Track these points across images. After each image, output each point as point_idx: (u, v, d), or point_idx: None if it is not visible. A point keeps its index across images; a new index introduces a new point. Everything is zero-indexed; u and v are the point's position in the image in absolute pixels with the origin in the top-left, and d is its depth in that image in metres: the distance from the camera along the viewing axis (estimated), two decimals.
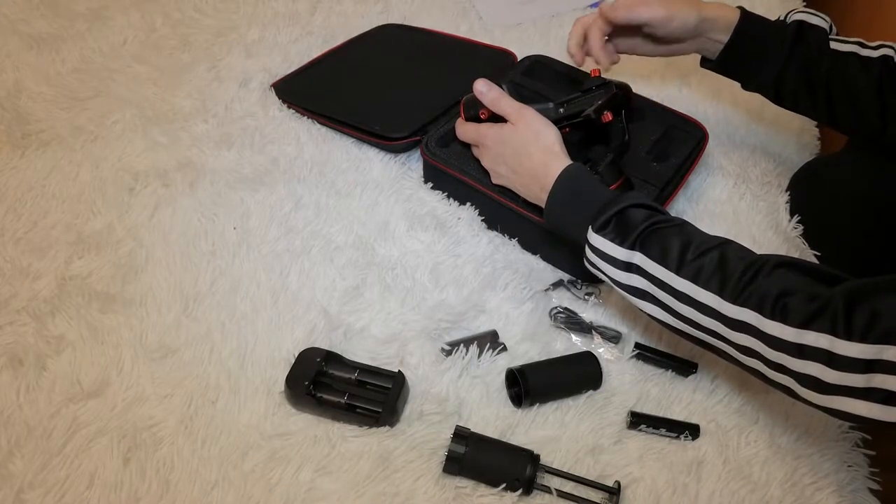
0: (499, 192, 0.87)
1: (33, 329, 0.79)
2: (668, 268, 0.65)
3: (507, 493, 0.68)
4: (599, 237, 0.70)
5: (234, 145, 1.00)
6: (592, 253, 0.71)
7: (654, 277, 0.66)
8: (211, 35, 1.16)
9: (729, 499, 0.70)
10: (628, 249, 0.68)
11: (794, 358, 0.57)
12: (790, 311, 0.57)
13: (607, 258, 0.69)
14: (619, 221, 0.69)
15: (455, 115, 0.95)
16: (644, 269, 0.67)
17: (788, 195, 0.96)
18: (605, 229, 0.69)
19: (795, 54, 0.82)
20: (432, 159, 0.91)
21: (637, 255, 0.67)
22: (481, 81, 0.83)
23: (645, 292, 0.68)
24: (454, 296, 0.84)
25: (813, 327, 0.56)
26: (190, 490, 0.68)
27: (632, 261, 0.68)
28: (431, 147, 0.92)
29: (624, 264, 0.68)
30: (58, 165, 0.96)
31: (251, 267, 0.86)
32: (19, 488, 0.67)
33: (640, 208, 0.70)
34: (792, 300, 0.58)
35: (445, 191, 0.95)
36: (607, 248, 0.69)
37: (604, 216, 0.69)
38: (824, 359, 0.55)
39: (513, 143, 0.80)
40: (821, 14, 0.85)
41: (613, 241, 0.69)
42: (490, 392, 0.76)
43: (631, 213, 0.69)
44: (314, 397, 0.72)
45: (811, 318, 0.56)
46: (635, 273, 0.68)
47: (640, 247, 0.67)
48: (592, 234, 0.70)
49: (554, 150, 0.78)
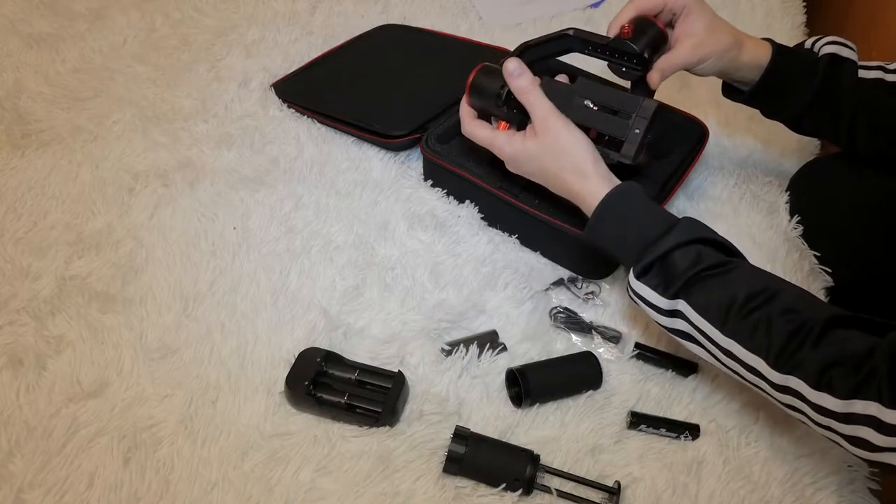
0: (499, 188, 0.87)
1: (33, 329, 0.79)
2: (712, 323, 0.63)
3: (507, 493, 0.68)
4: (641, 283, 0.67)
5: (234, 145, 1.00)
6: (633, 295, 0.69)
7: (698, 328, 0.65)
8: (211, 35, 1.16)
9: (729, 499, 0.70)
10: (671, 299, 0.66)
11: (841, 423, 0.57)
12: (836, 383, 0.57)
13: (649, 304, 0.68)
14: (661, 267, 0.66)
15: (454, 114, 0.95)
16: (688, 317, 0.65)
17: (788, 195, 0.96)
18: (646, 275, 0.67)
19: (826, 90, 0.80)
20: (432, 155, 0.92)
21: (681, 302, 0.65)
22: (514, 61, 0.76)
23: (690, 336, 0.66)
24: (454, 296, 0.84)
25: (859, 397, 0.55)
26: (190, 490, 0.68)
27: (675, 308, 0.66)
28: (431, 144, 0.92)
29: (667, 311, 0.67)
30: (58, 165, 0.96)
31: (251, 267, 0.86)
32: (19, 488, 0.67)
33: (686, 247, 0.65)
34: (838, 371, 0.57)
35: (445, 188, 0.94)
36: (649, 295, 0.67)
37: (646, 260, 0.66)
38: (873, 425, 0.55)
39: (537, 160, 0.75)
40: (849, 43, 0.83)
41: (655, 289, 0.66)
42: (490, 392, 0.76)
43: (676, 258, 0.65)
44: (314, 397, 0.72)
45: (857, 388, 0.56)
46: (679, 318, 0.66)
47: (685, 295, 0.65)
48: (634, 281, 0.68)
49: (587, 173, 0.72)
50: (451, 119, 0.95)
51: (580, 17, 1.25)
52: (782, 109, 0.85)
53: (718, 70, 0.81)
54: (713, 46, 0.78)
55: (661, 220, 0.69)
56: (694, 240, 0.66)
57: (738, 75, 0.82)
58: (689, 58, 0.78)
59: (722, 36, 0.79)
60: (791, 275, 0.88)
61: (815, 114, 0.83)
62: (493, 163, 0.89)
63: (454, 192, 0.94)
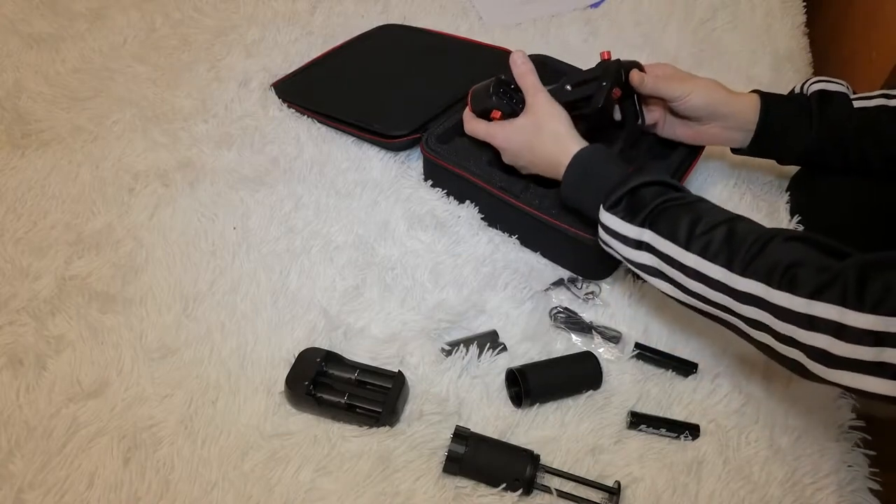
0: (499, 188, 0.87)
1: (33, 329, 0.79)
2: (677, 244, 0.66)
3: (507, 493, 0.68)
4: (610, 215, 0.71)
5: (234, 145, 1.00)
6: (604, 231, 0.72)
7: (664, 254, 0.67)
8: (211, 35, 1.16)
9: (729, 499, 0.70)
10: (638, 227, 0.68)
11: (803, 329, 0.57)
12: (799, 282, 0.57)
13: (618, 236, 0.70)
14: (630, 199, 0.70)
15: (454, 114, 0.96)
16: (654, 246, 0.68)
17: (788, 195, 0.96)
18: (616, 207, 0.70)
19: (824, 125, 0.83)
20: (432, 155, 0.92)
21: (647, 232, 0.68)
22: (519, 53, 0.85)
23: (655, 269, 0.69)
24: (454, 296, 0.84)
25: (823, 298, 0.55)
26: (190, 490, 0.68)
27: (642, 238, 0.68)
28: (431, 144, 0.92)
29: (635, 242, 0.69)
30: (58, 165, 0.96)
31: (251, 267, 0.86)
32: (19, 488, 0.67)
33: (653, 185, 0.70)
34: (801, 270, 0.58)
35: (445, 188, 0.94)
36: (618, 226, 0.70)
37: (615, 194, 0.70)
38: (834, 330, 0.55)
39: (523, 135, 0.81)
40: (837, 80, 0.85)
41: (624, 218, 0.70)
42: (490, 392, 0.76)
43: (643, 191, 0.70)
44: (314, 397, 0.72)
45: (821, 288, 0.56)
46: (645, 251, 0.69)
47: (650, 224, 0.68)
48: (604, 213, 0.71)
49: (561, 135, 0.78)
50: (452, 119, 0.95)
51: (580, 17, 1.25)
52: (789, 151, 0.87)
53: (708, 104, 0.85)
54: (697, 81, 0.85)
55: (626, 168, 0.74)
56: (661, 181, 0.70)
57: (738, 123, 0.85)
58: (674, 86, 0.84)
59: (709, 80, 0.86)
60: None
61: (822, 150, 0.85)
62: (493, 163, 0.89)
63: (454, 193, 0.94)
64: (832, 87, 0.85)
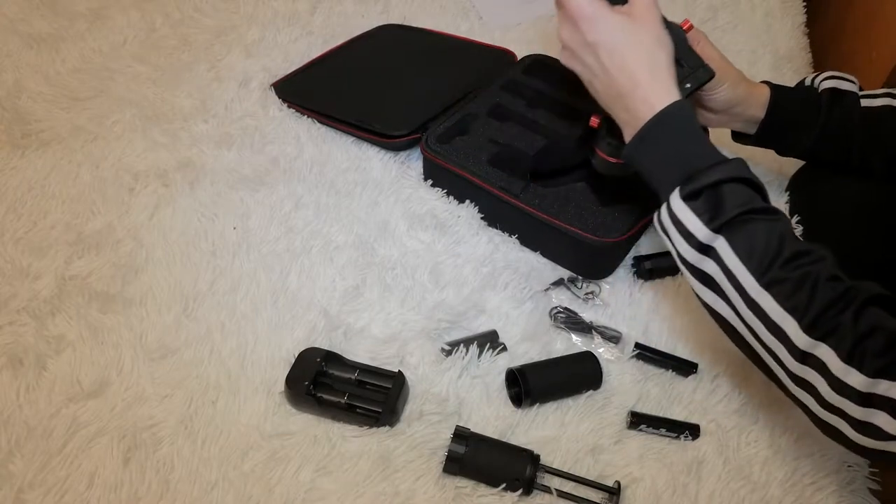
0: (499, 188, 0.87)
1: (33, 329, 0.79)
2: (750, 269, 0.59)
3: (507, 493, 0.68)
4: (684, 205, 0.62)
5: (234, 145, 1.00)
6: (668, 218, 0.64)
7: (731, 273, 0.60)
8: (211, 35, 1.16)
9: (729, 499, 0.70)
10: (712, 231, 0.61)
11: (856, 405, 0.54)
12: (868, 359, 0.54)
13: (684, 231, 0.63)
14: (710, 195, 0.61)
15: (454, 113, 0.96)
16: (723, 259, 0.60)
17: (788, 195, 0.96)
18: (693, 199, 0.62)
19: (831, 123, 0.81)
20: (432, 155, 0.91)
21: (720, 240, 0.60)
22: None
23: (713, 281, 0.62)
24: (454, 295, 0.84)
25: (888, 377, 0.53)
26: (190, 490, 0.68)
27: (712, 244, 0.61)
28: (431, 143, 0.92)
29: (701, 245, 0.62)
30: (58, 165, 0.96)
31: (251, 267, 0.86)
32: (19, 488, 0.67)
33: (739, 184, 0.61)
34: (871, 345, 0.54)
35: (445, 188, 0.94)
36: (689, 221, 0.62)
37: (697, 183, 0.61)
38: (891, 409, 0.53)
39: (616, 35, 0.67)
40: (849, 77, 0.84)
41: (700, 216, 0.61)
42: (490, 392, 0.76)
43: (727, 191, 0.61)
44: (314, 397, 0.72)
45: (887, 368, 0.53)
46: (710, 259, 0.61)
47: (727, 233, 0.60)
48: (677, 199, 0.63)
49: (662, 75, 0.66)
50: (452, 119, 0.95)
51: None
52: (793, 145, 0.86)
53: (730, 100, 0.81)
54: (729, 71, 0.79)
55: (712, 150, 0.65)
56: (746, 179, 0.62)
57: (747, 112, 0.83)
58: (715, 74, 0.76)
59: (732, 67, 0.80)
60: None
61: (825, 147, 0.83)
62: (493, 162, 0.89)
63: (454, 192, 0.94)
64: (844, 86, 0.82)
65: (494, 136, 0.93)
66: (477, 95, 0.99)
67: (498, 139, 0.93)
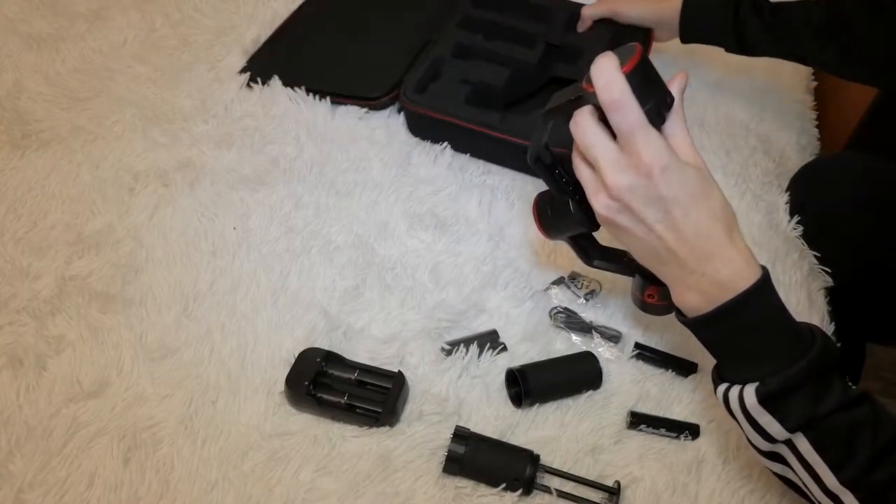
0: (480, 125, 0.94)
1: (33, 329, 0.79)
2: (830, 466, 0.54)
3: (507, 493, 0.68)
4: (763, 410, 0.54)
5: (234, 145, 1.00)
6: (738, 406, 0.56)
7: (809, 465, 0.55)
8: (211, 35, 1.16)
9: (729, 499, 0.70)
10: (791, 432, 0.54)
11: None
12: None
13: (756, 427, 0.56)
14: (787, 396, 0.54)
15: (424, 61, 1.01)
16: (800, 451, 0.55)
17: (788, 195, 0.96)
18: (769, 403, 0.54)
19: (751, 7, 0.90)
20: (414, 107, 0.97)
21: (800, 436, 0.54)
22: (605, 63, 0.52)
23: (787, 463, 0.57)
24: (454, 295, 0.84)
25: None
26: (190, 490, 0.68)
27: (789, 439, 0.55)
28: (410, 96, 0.97)
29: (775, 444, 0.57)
30: (58, 165, 0.96)
31: (251, 267, 0.86)
32: (19, 488, 0.67)
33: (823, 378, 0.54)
34: None
35: (429, 137, 1.00)
36: (765, 421, 0.55)
37: (776, 386, 0.53)
38: None
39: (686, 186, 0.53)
40: None
41: (779, 420, 0.54)
42: (490, 392, 0.76)
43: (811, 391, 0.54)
44: (314, 397, 0.72)
45: None
46: (786, 446, 0.56)
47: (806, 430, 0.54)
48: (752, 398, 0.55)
49: (735, 237, 0.55)
50: (421, 68, 1.00)
51: None
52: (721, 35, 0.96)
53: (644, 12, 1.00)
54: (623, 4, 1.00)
55: (794, 335, 0.56)
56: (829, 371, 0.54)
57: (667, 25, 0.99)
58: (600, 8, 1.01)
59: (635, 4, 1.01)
60: (791, 275, 0.88)
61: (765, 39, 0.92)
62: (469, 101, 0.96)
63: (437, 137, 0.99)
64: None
65: (464, 76, 0.99)
66: (437, 39, 1.05)
67: (468, 78, 0.98)
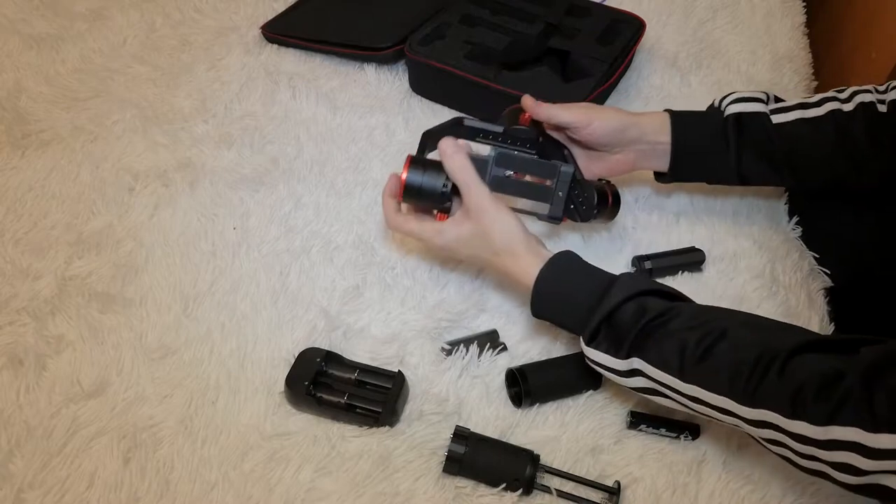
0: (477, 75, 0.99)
1: (33, 329, 0.79)
2: (671, 373, 0.61)
3: (507, 493, 0.68)
4: (593, 350, 0.65)
5: (234, 145, 1.00)
6: (592, 364, 0.67)
7: (659, 381, 0.63)
8: (211, 35, 1.16)
9: (729, 499, 0.70)
10: (625, 359, 0.63)
11: (824, 450, 0.54)
12: (809, 409, 0.54)
13: (607, 369, 0.65)
14: (608, 329, 0.64)
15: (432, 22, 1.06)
16: (646, 373, 0.63)
17: (788, 195, 0.96)
18: (595, 339, 0.65)
19: (743, 147, 0.79)
20: (417, 56, 1.02)
21: (635, 360, 0.63)
22: (448, 142, 0.72)
23: (654, 391, 0.64)
24: (454, 295, 0.84)
25: (838, 422, 0.53)
26: (190, 490, 0.68)
27: (632, 367, 0.63)
28: (415, 47, 1.04)
29: (625, 372, 0.64)
30: (58, 165, 0.96)
31: (251, 267, 0.86)
32: (19, 488, 0.67)
33: (627, 303, 0.63)
34: (809, 395, 0.54)
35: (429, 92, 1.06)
36: (604, 360, 0.65)
37: (591, 325, 0.64)
38: (857, 449, 0.53)
39: (470, 245, 0.73)
40: (755, 94, 0.81)
41: (607, 352, 0.64)
42: (490, 392, 0.76)
43: (620, 315, 0.63)
44: (314, 397, 0.72)
45: (833, 414, 0.53)
46: (639, 376, 0.64)
47: (637, 352, 0.63)
48: (586, 348, 0.66)
49: (517, 251, 0.70)
50: (429, 27, 1.06)
51: None
52: (713, 173, 0.83)
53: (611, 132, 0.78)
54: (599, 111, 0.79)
55: (599, 281, 0.67)
56: (635, 294, 0.64)
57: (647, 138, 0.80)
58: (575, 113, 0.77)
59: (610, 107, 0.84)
60: (791, 275, 0.88)
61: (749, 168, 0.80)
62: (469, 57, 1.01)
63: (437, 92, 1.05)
64: (750, 108, 0.79)
65: (468, 38, 1.05)
66: (448, 8, 1.10)
67: (471, 40, 1.04)
